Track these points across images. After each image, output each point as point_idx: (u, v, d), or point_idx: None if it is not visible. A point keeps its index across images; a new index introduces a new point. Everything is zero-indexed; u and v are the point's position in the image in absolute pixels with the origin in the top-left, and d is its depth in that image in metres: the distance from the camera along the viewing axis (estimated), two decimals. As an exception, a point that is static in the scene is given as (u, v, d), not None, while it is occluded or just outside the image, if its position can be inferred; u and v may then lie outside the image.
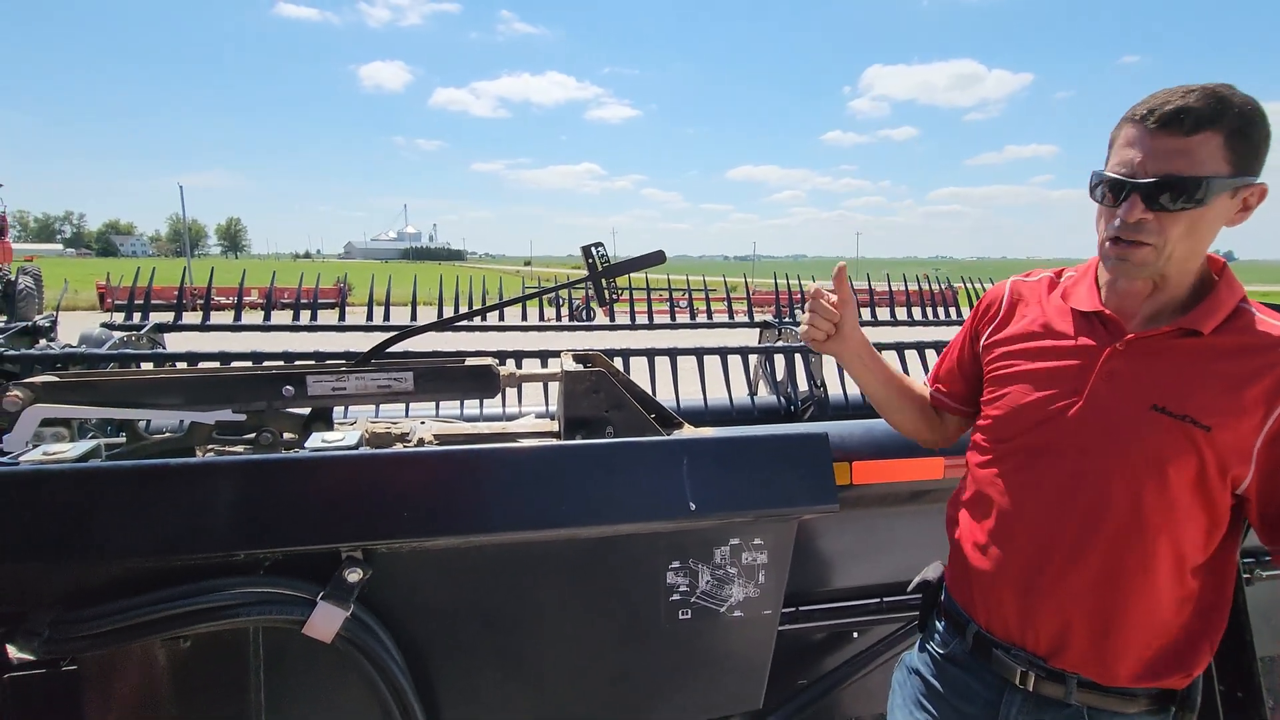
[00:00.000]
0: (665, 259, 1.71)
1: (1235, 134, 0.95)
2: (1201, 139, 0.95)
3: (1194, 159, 0.95)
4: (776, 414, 2.62)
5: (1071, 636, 1.10)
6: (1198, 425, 1.00)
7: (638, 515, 1.32)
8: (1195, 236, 1.00)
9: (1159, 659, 1.08)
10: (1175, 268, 1.04)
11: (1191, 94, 0.95)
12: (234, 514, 1.16)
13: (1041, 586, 1.11)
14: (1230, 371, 1.01)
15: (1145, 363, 1.06)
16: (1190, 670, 1.09)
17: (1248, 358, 1.01)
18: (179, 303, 2.50)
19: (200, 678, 1.22)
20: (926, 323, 2.98)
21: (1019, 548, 1.14)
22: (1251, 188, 0.99)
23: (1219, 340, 1.03)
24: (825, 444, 1.42)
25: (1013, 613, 1.15)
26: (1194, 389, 1.02)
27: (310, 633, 1.18)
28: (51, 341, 2.31)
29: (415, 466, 1.26)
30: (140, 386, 1.49)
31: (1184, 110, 0.94)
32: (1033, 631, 1.13)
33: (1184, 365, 1.04)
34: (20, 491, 1.10)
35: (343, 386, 1.60)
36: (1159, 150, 0.97)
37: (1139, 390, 1.05)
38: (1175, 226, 0.98)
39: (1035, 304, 1.22)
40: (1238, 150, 0.96)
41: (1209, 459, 1.00)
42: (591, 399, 1.62)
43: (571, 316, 3.08)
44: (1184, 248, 1.01)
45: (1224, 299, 1.05)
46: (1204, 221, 0.98)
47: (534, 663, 1.38)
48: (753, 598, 1.42)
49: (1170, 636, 1.07)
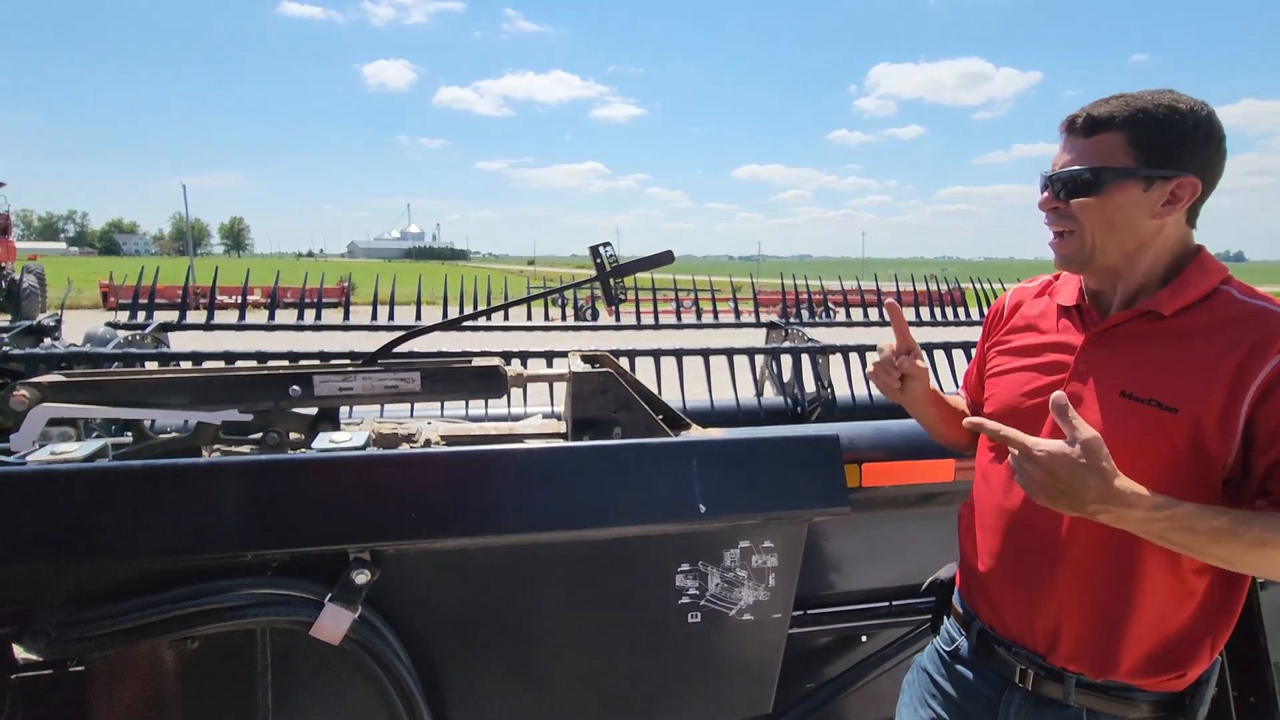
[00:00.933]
0: (674, 259, 1.70)
1: (1139, 132, 1.03)
2: (1099, 139, 1.05)
3: (1089, 155, 1.06)
4: (783, 415, 2.61)
5: (1067, 631, 1.10)
6: (1163, 408, 1.01)
7: (647, 517, 1.30)
8: (1113, 225, 1.06)
9: (1156, 655, 1.07)
10: (1115, 257, 1.09)
11: (1106, 101, 1.06)
12: (242, 514, 1.15)
13: (1037, 582, 1.12)
14: (1202, 351, 1.01)
15: (1115, 350, 1.09)
16: (1186, 670, 1.07)
17: (1218, 334, 1.02)
18: (183, 302, 2.49)
19: (206, 679, 1.21)
20: (935, 323, 2.97)
21: (1015, 544, 1.16)
22: (1175, 180, 1.03)
23: (1191, 320, 1.04)
24: (836, 445, 1.41)
25: (1012, 609, 1.16)
26: (1161, 372, 1.03)
27: (318, 634, 1.17)
28: (56, 340, 2.30)
29: (424, 467, 1.25)
30: (147, 386, 1.48)
31: (1085, 116, 1.07)
32: (1031, 628, 1.14)
33: (1151, 350, 1.06)
34: (28, 491, 1.09)
35: (349, 386, 1.59)
36: (1065, 150, 1.10)
37: (1110, 378, 1.08)
38: (1086, 215, 1.07)
39: (1028, 305, 1.28)
40: (1143, 145, 1.02)
41: (1179, 442, 1.00)
42: (599, 400, 1.61)
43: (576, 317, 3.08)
44: (1106, 236, 1.07)
45: (1193, 280, 1.06)
46: (1117, 211, 1.05)
47: (542, 665, 1.37)
48: (763, 601, 1.41)
49: (1168, 632, 1.06)
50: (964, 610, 1.27)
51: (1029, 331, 1.23)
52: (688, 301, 3.05)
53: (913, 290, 3.07)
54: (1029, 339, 1.22)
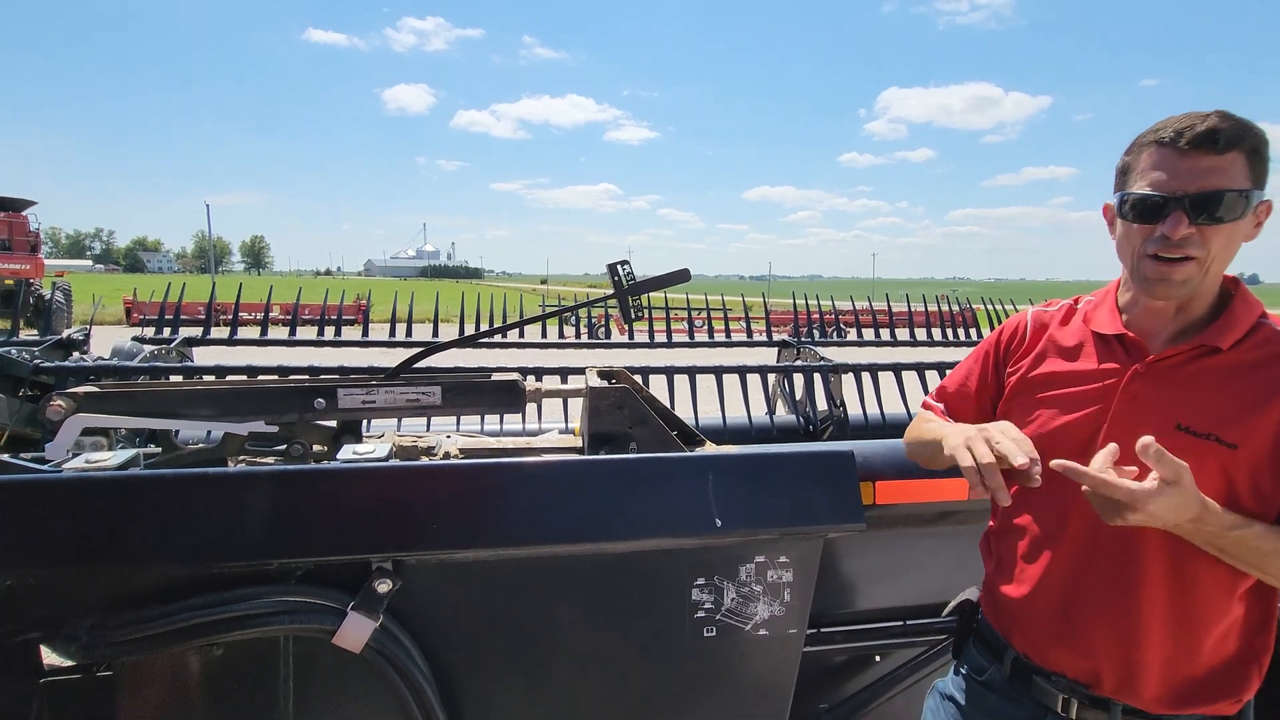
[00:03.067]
0: (690, 277, 1.73)
1: (1254, 153, 1.00)
2: (1232, 157, 0.99)
3: (1229, 174, 0.98)
4: (796, 433, 2.61)
5: (1112, 663, 1.08)
6: (1223, 443, 1.00)
7: (663, 531, 1.32)
8: (1230, 250, 1.03)
9: (1205, 685, 1.05)
10: (1206, 285, 1.06)
11: (1211, 117, 0.99)
12: (269, 523, 1.18)
13: (1079, 613, 1.10)
14: (1252, 386, 1.01)
15: (1168, 383, 1.06)
16: (1240, 695, 1.06)
17: (1268, 370, 1.01)
18: (207, 317, 2.55)
19: (229, 686, 1.24)
20: (946, 343, 2.98)
21: (1055, 575, 1.13)
22: (1263, 203, 1.03)
23: (1239, 356, 1.03)
24: (851, 462, 1.42)
25: (1052, 640, 1.13)
26: (1217, 406, 1.02)
27: (340, 642, 1.19)
28: (85, 354, 2.36)
29: (446, 479, 1.27)
30: (178, 397, 1.53)
31: (1215, 131, 0.98)
32: (1072, 658, 1.11)
33: (1206, 383, 1.04)
34: (65, 497, 1.13)
35: (372, 400, 1.62)
36: (1195, 169, 0.99)
37: (1163, 411, 1.04)
38: (1216, 239, 1.00)
39: (1055, 331, 1.23)
40: (1255, 168, 1.00)
41: (1238, 477, 0.99)
42: (616, 415, 1.64)
43: (590, 334, 3.11)
44: (1222, 261, 1.03)
45: (1240, 315, 1.06)
46: (1238, 235, 1.02)
47: (558, 677, 1.38)
48: (778, 616, 1.42)
49: (1216, 661, 1.05)
50: (994, 637, 1.23)
51: (1060, 359, 1.18)
52: (700, 320, 3.08)
53: (924, 310, 3.08)
54: (1066, 367, 1.17)
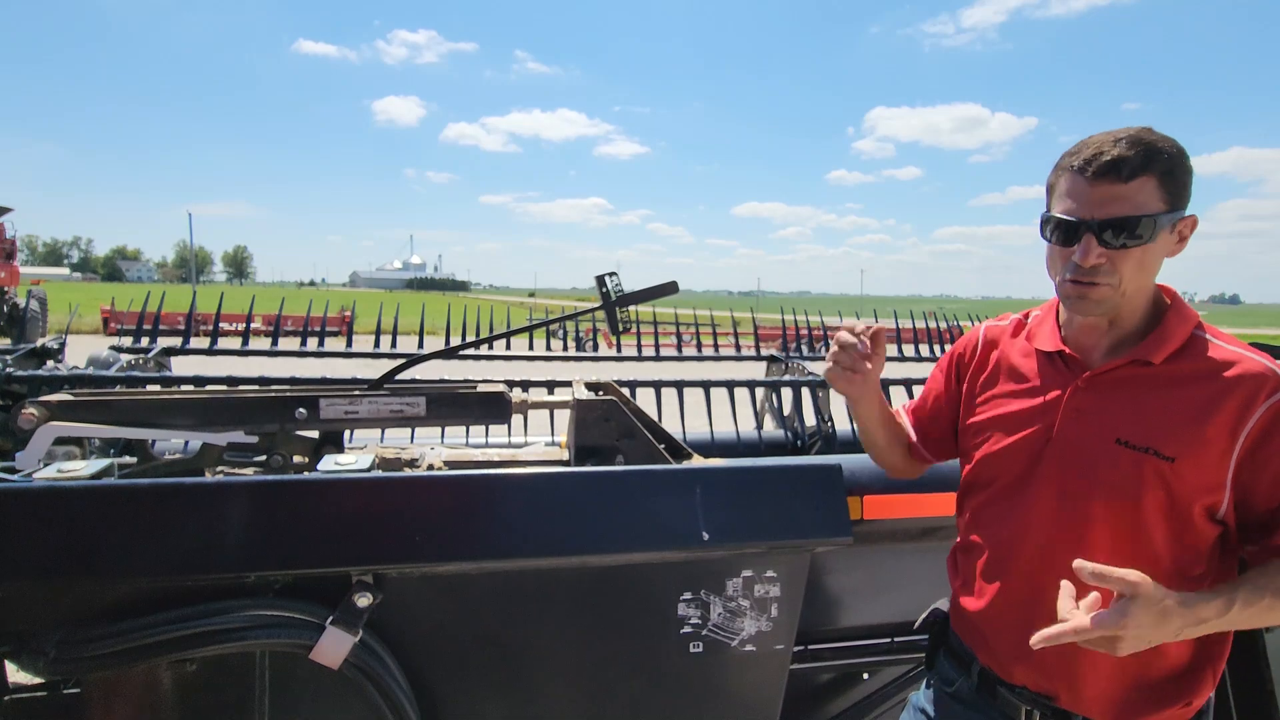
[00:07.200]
0: (678, 289, 1.72)
1: (1166, 175, 1.01)
2: (1139, 183, 1.01)
3: (1134, 202, 1.01)
4: (783, 448, 2.61)
5: (1073, 675, 1.10)
6: (1160, 456, 1.02)
7: (650, 544, 1.30)
8: (1144, 271, 1.05)
9: (1164, 690, 1.08)
10: (1137, 302, 1.09)
11: (1120, 142, 1.01)
12: (247, 535, 1.15)
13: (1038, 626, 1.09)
14: (1188, 400, 1.03)
15: (1107, 397, 1.09)
16: (1192, 700, 1.08)
17: (1203, 385, 1.03)
18: (187, 327, 2.51)
19: (203, 703, 1.20)
20: (934, 360, 2.99)
21: (1013, 589, 1.15)
22: (1184, 220, 1.04)
23: (1175, 368, 1.05)
24: (839, 475, 1.42)
25: (1013, 655, 1.15)
26: (1154, 420, 1.04)
27: (318, 658, 1.16)
28: (59, 363, 2.31)
29: (428, 490, 1.25)
30: (155, 407, 1.49)
31: (1120, 160, 1.00)
32: (1033, 674, 1.13)
33: (1143, 397, 1.06)
34: (35, 508, 1.09)
35: (355, 410, 1.60)
36: (1102, 197, 1.02)
37: (1103, 425, 1.07)
38: (1126, 263, 1.03)
39: (1004, 347, 1.25)
40: (1169, 189, 1.01)
41: (1176, 489, 1.02)
42: (603, 427, 1.62)
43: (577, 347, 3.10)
44: (1136, 282, 1.05)
45: (1174, 328, 1.08)
46: (1150, 256, 1.04)
47: (542, 693, 1.35)
48: (765, 632, 1.40)
49: (1174, 667, 1.08)
50: (961, 649, 1.26)
51: (1011, 376, 1.21)
52: (688, 335, 3.08)
53: (912, 327, 3.10)
54: (1011, 385, 1.20)
